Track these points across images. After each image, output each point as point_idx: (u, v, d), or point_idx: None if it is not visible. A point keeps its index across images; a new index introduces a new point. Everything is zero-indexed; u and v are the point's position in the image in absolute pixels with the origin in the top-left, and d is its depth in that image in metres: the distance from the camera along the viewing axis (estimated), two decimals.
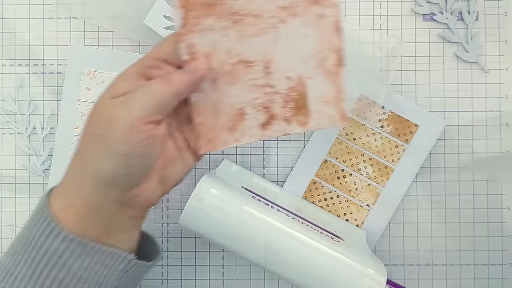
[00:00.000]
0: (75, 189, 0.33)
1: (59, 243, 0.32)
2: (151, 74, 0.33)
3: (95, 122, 0.33)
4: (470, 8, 0.48)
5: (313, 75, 0.35)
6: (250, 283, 0.48)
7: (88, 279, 0.33)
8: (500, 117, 0.48)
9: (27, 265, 0.32)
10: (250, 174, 0.48)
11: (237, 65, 0.35)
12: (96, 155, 0.32)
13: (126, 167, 0.32)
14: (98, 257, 0.33)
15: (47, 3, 0.49)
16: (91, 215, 0.33)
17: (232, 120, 0.36)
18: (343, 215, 0.48)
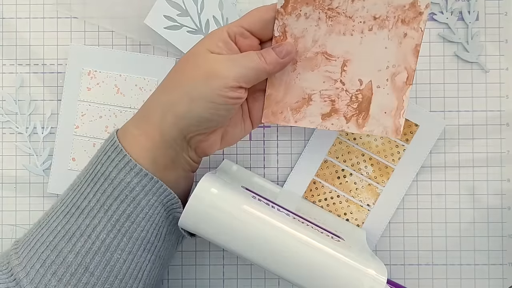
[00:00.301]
0: (156, 118, 0.36)
1: (132, 177, 0.35)
2: (239, 41, 0.37)
3: (193, 69, 0.36)
4: (470, 8, 0.48)
5: (382, 85, 0.39)
6: (250, 283, 0.48)
7: (151, 218, 0.36)
8: (500, 117, 0.48)
9: (96, 198, 0.35)
10: (250, 173, 0.48)
11: (319, 55, 0.39)
12: (191, 97, 0.35)
13: (211, 115, 0.36)
14: (163, 198, 0.36)
15: (47, 3, 0.49)
16: (161, 147, 0.36)
17: (299, 101, 0.40)
18: (343, 215, 0.48)
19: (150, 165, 0.36)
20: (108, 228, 0.34)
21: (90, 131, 0.48)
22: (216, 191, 0.38)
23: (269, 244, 0.37)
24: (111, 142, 0.37)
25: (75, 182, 0.37)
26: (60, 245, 0.34)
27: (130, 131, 0.37)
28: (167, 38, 0.47)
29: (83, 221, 0.34)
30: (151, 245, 0.36)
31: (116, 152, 0.36)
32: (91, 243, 0.34)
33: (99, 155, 0.37)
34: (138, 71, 0.48)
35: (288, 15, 0.38)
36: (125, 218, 0.35)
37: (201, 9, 0.47)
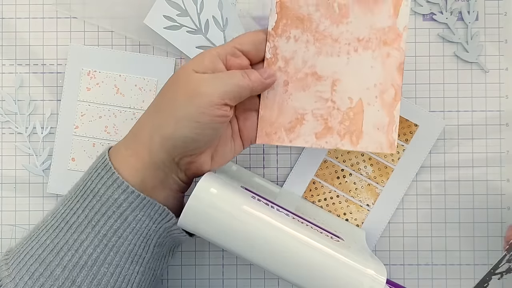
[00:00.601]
0: (144, 139, 0.37)
1: (120, 194, 0.36)
2: (229, 60, 0.38)
3: (178, 89, 0.37)
4: (470, 8, 0.48)
5: (372, 102, 0.40)
6: (250, 283, 0.48)
7: (139, 232, 0.37)
8: (500, 117, 0.48)
9: (84, 214, 0.36)
10: (250, 173, 0.48)
11: (309, 75, 0.40)
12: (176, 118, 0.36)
13: (198, 135, 0.36)
14: (150, 211, 0.37)
15: (47, 3, 0.49)
16: (149, 168, 0.37)
17: (292, 122, 0.41)
18: (343, 215, 0.48)
19: (138, 185, 0.37)
20: (95, 243, 0.35)
21: (89, 131, 0.48)
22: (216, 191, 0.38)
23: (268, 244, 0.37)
24: (102, 159, 0.38)
25: (66, 197, 0.38)
26: (48, 259, 0.35)
27: (121, 151, 0.38)
28: (167, 38, 0.47)
29: (71, 236, 0.36)
30: (138, 257, 0.37)
31: (105, 170, 0.37)
32: (78, 257, 0.35)
33: (90, 171, 0.38)
34: (137, 71, 0.48)
35: (278, 37, 0.40)
36: (112, 233, 0.36)
37: (200, 9, 0.47)
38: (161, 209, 0.37)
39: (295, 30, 0.40)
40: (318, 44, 0.40)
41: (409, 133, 0.47)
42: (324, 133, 0.41)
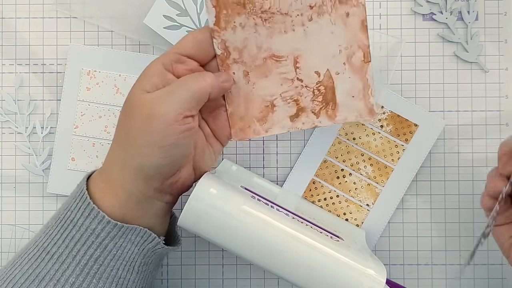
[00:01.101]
0: (117, 178, 0.36)
1: (97, 224, 0.35)
2: (177, 68, 0.36)
3: (133, 116, 0.34)
4: (469, 8, 0.48)
5: (341, 71, 0.37)
6: (250, 282, 0.48)
7: (121, 257, 0.36)
8: (499, 117, 0.48)
9: (64, 244, 0.35)
10: (250, 173, 0.48)
11: (268, 59, 0.38)
12: (138, 147, 0.34)
13: (168, 158, 0.34)
14: (131, 236, 0.36)
15: (47, 2, 0.49)
16: (129, 203, 0.36)
17: (263, 111, 0.39)
18: (343, 214, 0.48)
19: (121, 216, 0.36)
20: (77, 272, 0.35)
21: (89, 131, 0.48)
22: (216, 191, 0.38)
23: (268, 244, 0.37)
24: (80, 189, 0.37)
25: (47, 225, 0.38)
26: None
27: (99, 184, 0.37)
28: (167, 38, 0.47)
29: (53, 266, 0.35)
30: (123, 280, 0.37)
31: (82, 200, 0.36)
32: (61, 286, 0.35)
33: (70, 201, 0.37)
34: (137, 71, 0.47)
35: (223, 30, 0.37)
36: (93, 262, 0.35)
37: (200, 9, 0.47)
38: (142, 232, 0.36)
39: (239, 17, 0.37)
40: (268, 24, 0.37)
41: (409, 133, 0.47)
42: (299, 115, 0.39)
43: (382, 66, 0.47)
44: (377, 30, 0.48)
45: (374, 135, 0.48)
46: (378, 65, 0.48)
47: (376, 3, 0.48)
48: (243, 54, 0.38)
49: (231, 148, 0.49)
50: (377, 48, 0.48)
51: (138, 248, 0.37)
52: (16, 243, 0.49)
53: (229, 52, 0.37)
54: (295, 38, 0.37)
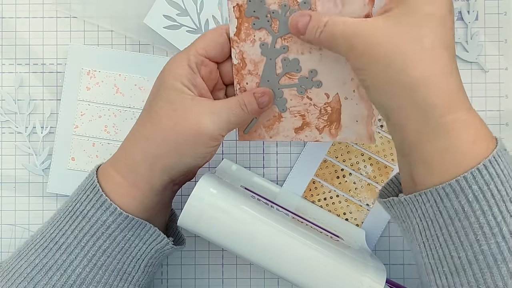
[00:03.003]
0: (143, 171, 0.37)
1: (108, 216, 0.36)
2: (201, 71, 0.37)
3: (177, 119, 0.36)
4: (469, 7, 0.48)
5: (350, 96, 0.39)
6: (250, 282, 0.48)
7: (128, 252, 0.37)
8: (499, 117, 0.48)
9: (73, 235, 0.36)
10: (250, 173, 0.48)
11: (283, 76, 0.39)
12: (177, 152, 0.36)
13: (199, 161, 0.38)
14: (140, 232, 0.37)
15: (47, 2, 0.49)
16: (149, 195, 0.37)
17: (270, 120, 0.40)
18: (343, 214, 0.48)
19: (134, 211, 0.37)
20: (84, 263, 0.36)
21: (89, 130, 0.48)
22: (216, 191, 0.38)
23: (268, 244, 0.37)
24: (90, 181, 0.38)
25: (55, 216, 0.38)
26: (36, 278, 0.35)
27: (114, 177, 0.37)
28: (167, 37, 0.47)
29: (60, 256, 0.36)
30: (128, 275, 0.37)
31: (94, 192, 0.37)
32: (67, 277, 0.35)
33: (79, 192, 0.38)
34: (137, 70, 0.48)
35: (243, 41, 0.38)
36: (101, 253, 0.36)
37: (200, 8, 0.47)
38: (152, 230, 0.37)
39: (259, 32, 0.38)
40: (286, 43, 0.38)
41: None
42: (303, 128, 0.40)
43: None
44: None
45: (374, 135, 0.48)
46: None
47: None
48: (259, 67, 0.39)
49: (231, 148, 0.49)
50: None
51: (146, 246, 0.38)
52: (16, 243, 0.48)
53: (245, 63, 0.39)
54: (311, 60, 0.38)
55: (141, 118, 0.38)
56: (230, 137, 0.49)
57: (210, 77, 0.38)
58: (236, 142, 0.49)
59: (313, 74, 0.39)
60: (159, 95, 0.37)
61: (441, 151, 0.31)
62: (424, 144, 0.32)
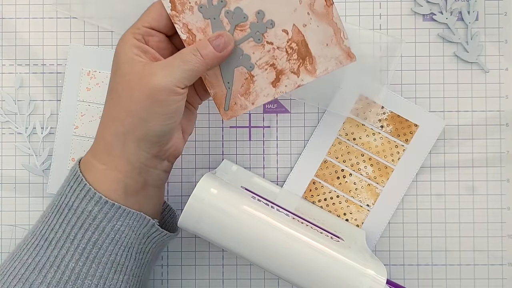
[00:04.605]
0: (117, 151, 0.36)
1: (93, 206, 0.35)
2: (148, 42, 0.37)
3: (131, 87, 0.36)
4: (470, 8, 0.48)
5: (307, 22, 0.36)
6: (250, 283, 0.48)
7: (119, 242, 0.36)
8: (500, 117, 0.48)
9: (61, 229, 0.36)
10: (250, 174, 0.48)
11: (234, 31, 0.37)
12: (142, 120, 0.35)
13: (169, 124, 0.36)
14: (128, 220, 0.36)
15: (47, 3, 0.49)
16: (131, 175, 0.37)
17: (244, 84, 0.38)
18: (343, 215, 0.48)
19: (121, 196, 0.36)
20: (76, 257, 0.35)
21: (89, 131, 0.48)
22: (216, 191, 0.38)
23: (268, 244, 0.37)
24: (73, 172, 0.37)
25: (44, 213, 0.38)
26: (31, 278, 0.35)
27: (95, 166, 0.37)
28: None
29: (52, 252, 0.35)
30: (121, 267, 0.37)
31: (77, 183, 0.36)
32: (61, 273, 0.35)
33: (64, 186, 0.37)
34: None
35: (181, 13, 0.37)
36: (91, 245, 0.35)
37: None
38: (138, 216, 0.37)
39: None
40: None
41: (409, 133, 0.47)
42: (279, 78, 0.38)
43: (382, 66, 0.47)
44: (377, 30, 0.48)
45: (374, 135, 0.48)
46: (378, 65, 0.48)
47: (376, 3, 0.48)
48: (207, 32, 0.37)
49: (231, 148, 0.49)
50: (377, 49, 0.48)
51: (135, 233, 0.37)
52: (16, 244, 0.48)
53: (193, 34, 0.37)
54: (252, 2, 0.36)
55: (106, 101, 0.38)
56: (230, 138, 0.49)
57: (161, 46, 0.38)
58: (236, 142, 0.49)
59: (261, 15, 0.37)
60: (114, 74, 0.37)
61: None
62: None
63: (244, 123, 0.49)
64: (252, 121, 0.49)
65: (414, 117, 0.47)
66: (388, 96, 0.47)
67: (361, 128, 0.48)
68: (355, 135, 0.48)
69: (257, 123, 0.49)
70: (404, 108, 0.48)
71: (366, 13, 0.49)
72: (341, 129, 0.48)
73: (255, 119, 0.49)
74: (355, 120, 0.48)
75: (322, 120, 0.48)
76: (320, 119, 0.48)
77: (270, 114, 0.49)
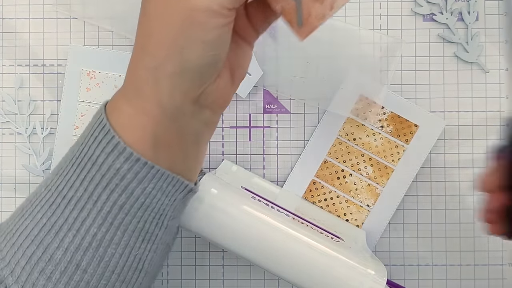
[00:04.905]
0: (148, 90, 0.29)
1: (122, 163, 0.29)
2: None
3: (165, 9, 0.29)
4: (470, 8, 0.48)
5: None
6: (250, 283, 0.48)
7: (149, 207, 0.30)
8: (500, 117, 0.48)
9: (83, 187, 0.30)
10: (250, 174, 0.48)
11: None
12: (178, 48, 0.28)
13: (211, 55, 0.29)
14: (161, 183, 0.30)
15: (47, 3, 0.49)
16: (163, 122, 0.30)
17: None
18: (343, 215, 0.48)
19: (150, 148, 0.30)
20: (99, 222, 0.30)
21: None
22: (216, 192, 0.38)
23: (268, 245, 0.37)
24: (98, 120, 0.30)
25: (60, 165, 0.32)
26: (46, 240, 0.30)
27: (123, 109, 0.30)
28: None
29: (70, 213, 0.30)
30: (150, 235, 0.31)
31: (103, 133, 0.30)
32: (81, 238, 0.30)
33: (86, 135, 0.31)
34: None
35: None
36: (117, 210, 0.30)
37: None
38: (175, 180, 0.31)
39: None
40: None
41: (409, 133, 0.47)
42: None
43: (382, 67, 0.47)
44: (377, 31, 0.49)
45: (375, 135, 0.48)
46: (378, 65, 0.48)
47: (376, 4, 0.48)
48: None
49: (232, 149, 0.49)
50: (377, 49, 0.48)
51: (169, 199, 0.31)
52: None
53: None
54: None
55: (137, 30, 0.32)
56: (230, 138, 0.49)
57: None
58: (237, 143, 0.49)
59: None
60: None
61: None
62: None
63: (244, 123, 0.49)
64: (252, 121, 0.49)
65: (414, 117, 0.47)
66: (388, 96, 0.47)
67: (361, 128, 0.48)
68: (355, 135, 0.48)
69: (257, 123, 0.49)
70: (404, 108, 0.48)
71: (366, 13, 0.49)
72: (341, 129, 0.48)
73: (255, 119, 0.49)
74: (355, 120, 0.48)
75: (322, 120, 0.48)
76: (320, 119, 0.48)
77: (270, 114, 0.49)
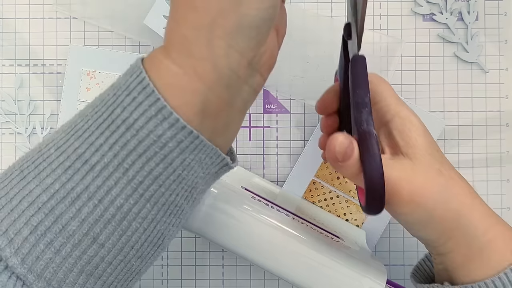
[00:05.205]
0: (201, 49, 0.26)
1: (166, 129, 0.26)
2: None
3: None
4: (470, 8, 0.48)
5: None
6: (250, 283, 0.48)
7: (184, 180, 0.27)
8: (500, 117, 0.48)
9: (112, 152, 0.26)
10: (250, 174, 0.48)
11: None
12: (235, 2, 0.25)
13: (268, 9, 0.26)
14: (201, 155, 0.27)
15: (47, 3, 0.49)
16: (214, 87, 0.26)
17: None
18: (343, 215, 0.48)
19: (196, 115, 0.26)
20: (127, 193, 0.26)
21: None
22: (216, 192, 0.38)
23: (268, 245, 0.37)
24: (137, 79, 0.27)
25: (77, 125, 0.27)
26: (58, 209, 0.26)
27: (165, 65, 0.26)
28: None
29: (93, 181, 0.26)
30: (178, 209, 0.28)
31: (145, 94, 0.26)
32: (103, 209, 0.26)
33: (119, 94, 0.27)
34: None
35: None
36: (151, 181, 0.26)
37: None
38: (213, 152, 0.28)
39: None
40: None
41: None
42: None
43: (382, 66, 0.47)
44: (377, 31, 0.49)
45: None
46: (378, 65, 0.48)
47: (376, 3, 0.48)
48: None
49: None
50: (377, 48, 0.48)
51: (204, 171, 0.28)
52: None
53: None
54: None
55: None
56: None
57: None
58: (237, 142, 0.49)
59: None
60: None
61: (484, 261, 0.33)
62: (471, 263, 0.33)
63: (244, 123, 0.49)
64: (252, 121, 0.49)
65: None
66: None
67: None
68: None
69: (257, 123, 0.49)
70: None
71: (366, 13, 0.48)
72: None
73: (255, 119, 0.49)
74: None
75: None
76: (320, 119, 0.48)
77: (270, 114, 0.49)
